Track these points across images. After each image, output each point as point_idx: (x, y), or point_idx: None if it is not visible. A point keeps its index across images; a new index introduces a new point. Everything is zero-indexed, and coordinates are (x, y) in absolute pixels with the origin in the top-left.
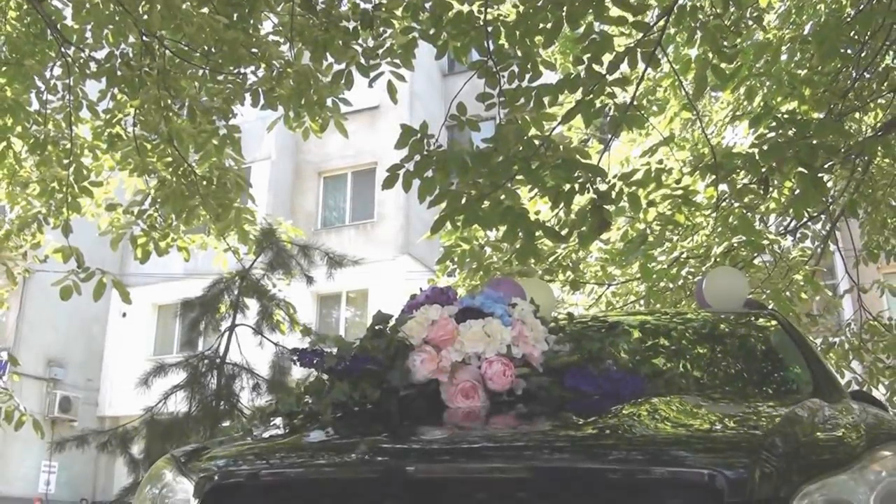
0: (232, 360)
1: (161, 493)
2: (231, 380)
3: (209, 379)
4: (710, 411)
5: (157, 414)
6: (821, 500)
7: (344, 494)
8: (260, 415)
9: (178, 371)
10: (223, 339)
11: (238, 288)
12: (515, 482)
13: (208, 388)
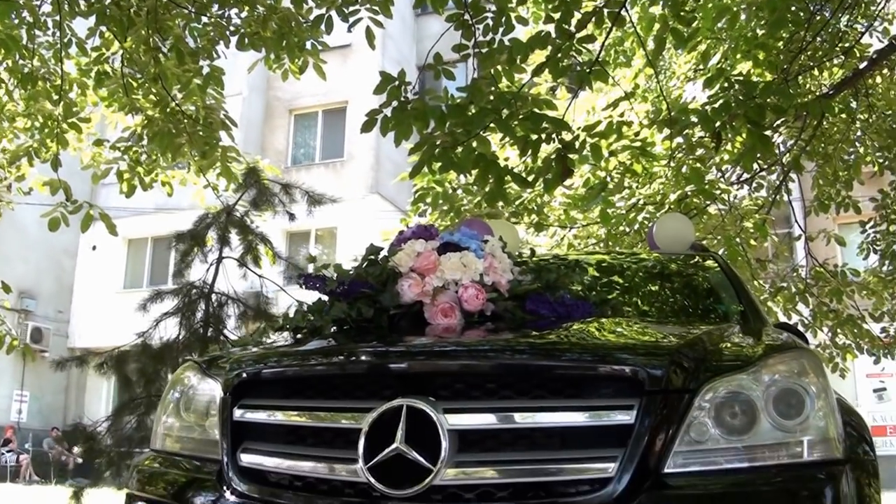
0: (220, 290)
1: (187, 394)
2: (220, 308)
3: (198, 307)
4: (643, 329)
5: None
6: (723, 392)
7: (346, 385)
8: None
9: (160, 301)
10: (211, 270)
11: (224, 223)
12: (483, 375)
13: (196, 315)
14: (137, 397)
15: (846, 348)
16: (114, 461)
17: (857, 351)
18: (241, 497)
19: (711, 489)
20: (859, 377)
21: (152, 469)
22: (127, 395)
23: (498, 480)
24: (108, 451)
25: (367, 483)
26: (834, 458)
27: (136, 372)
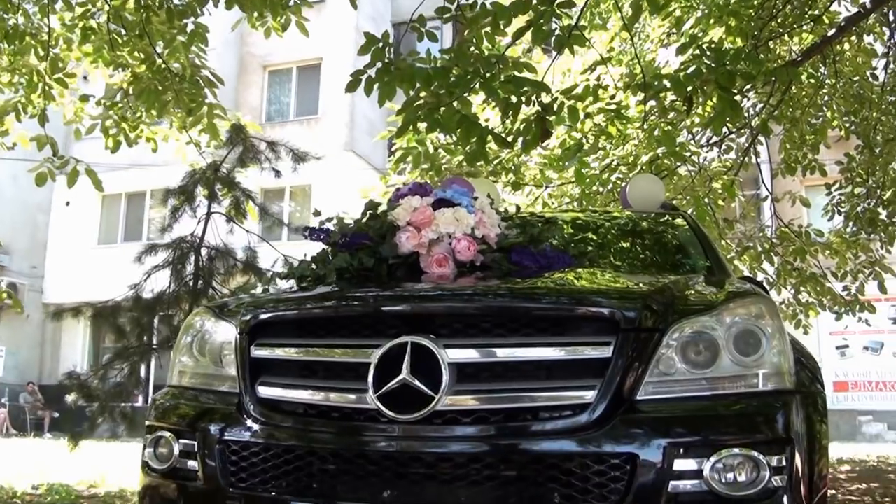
0: (209, 243)
1: (201, 336)
2: (210, 261)
3: (188, 260)
4: (618, 277)
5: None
6: (688, 332)
7: (355, 325)
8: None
9: (154, 254)
10: (201, 225)
11: (212, 179)
12: (478, 316)
13: (187, 268)
14: (131, 346)
15: (809, 305)
16: (107, 407)
17: (819, 308)
18: (260, 424)
19: (678, 413)
20: (823, 335)
21: (171, 402)
22: (120, 344)
23: (491, 406)
24: (102, 398)
25: (377, 409)
26: (786, 388)
27: (130, 322)
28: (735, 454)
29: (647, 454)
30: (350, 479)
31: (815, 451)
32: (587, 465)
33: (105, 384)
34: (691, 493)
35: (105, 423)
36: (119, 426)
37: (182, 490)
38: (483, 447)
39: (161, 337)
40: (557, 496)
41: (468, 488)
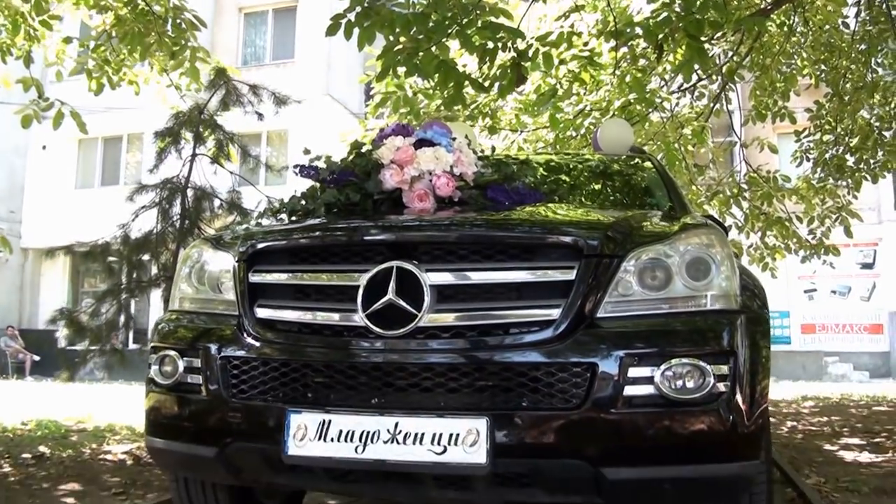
0: (195, 184)
1: (200, 267)
2: (196, 202)
3: (175, 200)
4: (583, 211)
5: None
6: (645, 258)
7: (345, 252)
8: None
9: (144, 192)
10: (187, 166)
11: (197, 121)
12: (456, 243)
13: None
14: (121, 284)
15: (775, 249)
16: (100, 341)
17: (785, 251)
18: (259, 340)
19: (633, 328)
20: (791, 280)
21: (174, 324)
22: (111, 281)
23: (467, 323)
24: (93, 334)
25: (365, 327)
26: (732, 308)
27: (120, 260)
28: (683, 363)
29: (605, 363)
30: (341, 388)
31: (757, 367)
32: (552, 374)
33: (96, 321)
34: (644, 396)
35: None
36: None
37: (186, 402)
38: (460, 358)
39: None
40: (526, 401)
41: (447, 394)
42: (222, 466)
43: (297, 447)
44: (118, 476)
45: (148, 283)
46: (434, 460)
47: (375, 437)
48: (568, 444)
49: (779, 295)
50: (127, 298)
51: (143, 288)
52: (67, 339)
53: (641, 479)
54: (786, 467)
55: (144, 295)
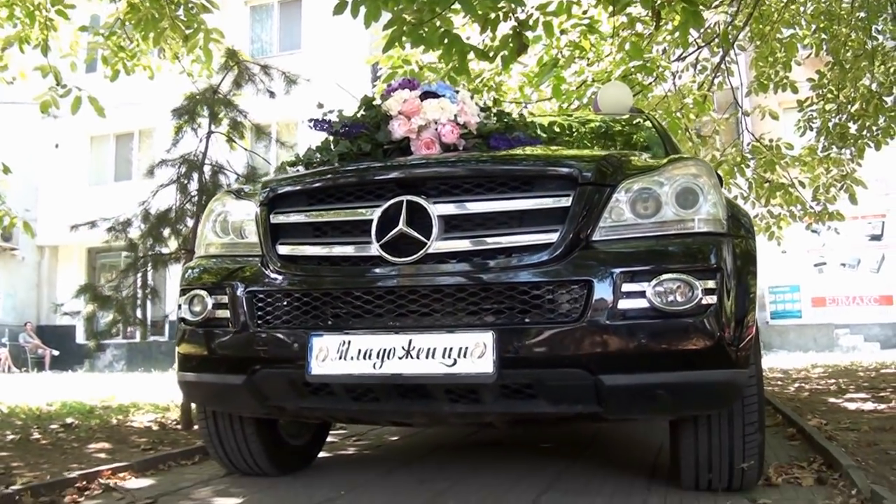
0: (212, 160)
1: (223, 217)
2: (213, 177)
3: (192, 177)
4: (578, 150)
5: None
6: (636, 187)
7: (358, 191)
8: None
9: (164, 166)
10: (203, 144)
11: (212, 99)
12: (461, 178)
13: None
14: (143, 256)
15: (780, 217)
16: (124, 310)
17: (790, 219)
18: (281, 274)
19: (625, 249)
20: (801, 254)
21: (201, 268)
22: (132, 256)
23: (473, 248)
24: (118, 305)
25: (379, 256)
26: (719, 231)
27: (145, 233)
28: (673, 278)
29: (600, 280)
30: (359, 312)
31: (743, 284)
32: (552, 291)
33: (119, 294)
34: (637, 309)
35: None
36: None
37: (215, 335)
38: (467, 280)
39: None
40: (528, 316)
41: (456, 313)
42: (250, 393)
43: (320, 367)
44: (145, 437)
45: (168, 257)
46: (445, 371)
47: (391, 353)
48: (568, 355)
49: (788, 269)
50: (147, 272)
51: (163, 262)
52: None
53: (637, 385)
54: (788, 412)
55: (165, 270)
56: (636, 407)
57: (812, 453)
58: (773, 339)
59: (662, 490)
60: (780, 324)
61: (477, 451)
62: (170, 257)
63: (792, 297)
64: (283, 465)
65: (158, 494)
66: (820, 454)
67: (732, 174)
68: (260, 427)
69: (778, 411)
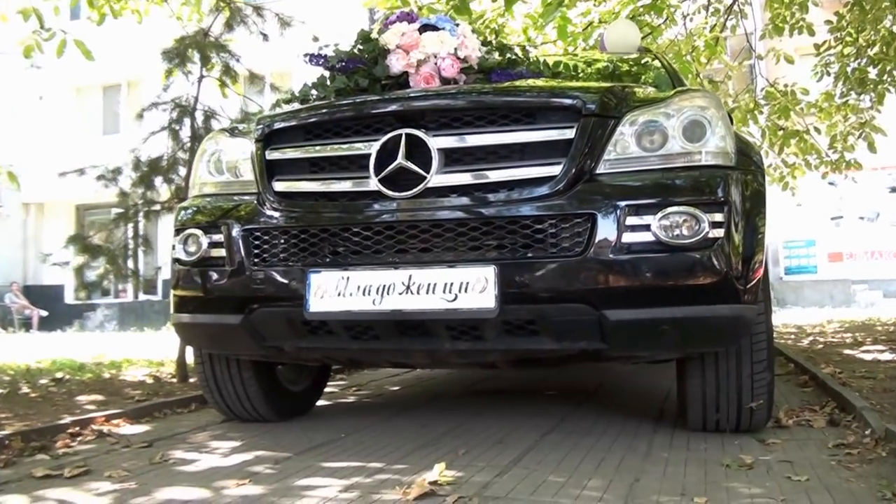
0: (205, 106)
1: (217, 157)
2: (206, 122)
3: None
4: (583, 82)
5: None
6: (641, 119)
7: (355, 126)
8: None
9: (155, 109)
10: (195, 88)
11: (203, 42)
12: (461, 110)
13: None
14: (135, 205)
15: (794, 166)
16: (115, 260)
17: (805, 168)
18: (278, 211)
19: (630, 182)
20: (816, 206)
21: (195, 207)
22: (124, 203)
23: (474, 181)
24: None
25: (378, 190)
26: (727, 165)
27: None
28: (679, 211)
29: (604, 213)
30: (358, 248)
31: (751, 218)
32: (555, 225)
33: (110, 244)
34: (642, 243)
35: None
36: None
37: (211, 275)
38: (468, 214)
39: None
40: (531, 250)
41: (457, 247)
42: (247, 333)
43: (318, 304)
44: (139, 390)
45: (161, 206)
46: (446, 307)
47: (391, 289)
48: (571, 289)
49: (804, 223)
50: (138, 222)
51: (155, 212)
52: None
53: (641, 320)
54: (801, 360)
55: (157, 221)
56: (641, 343)
57: (825, 398)
58: (787, 296)
59: (669, 431)
60: (795, 279)
61: (479, 399)
62: (162, 207)
63: (807, 252)
64: (281, 411)
65: (154, 439)
66: (833, 398)
67: (745, 121)
68: (258, 371)
69: (790, 361)
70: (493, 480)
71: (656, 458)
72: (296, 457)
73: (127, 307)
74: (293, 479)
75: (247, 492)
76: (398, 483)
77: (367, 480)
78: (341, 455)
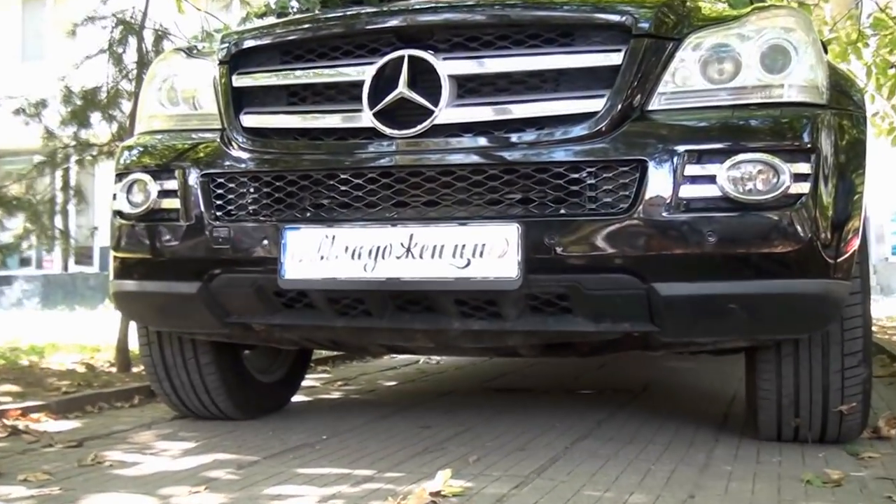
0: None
1: (170, 84)
2: (156, 43)
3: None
4: None
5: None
6: (708, 43)
7: (346, 44)
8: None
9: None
10: None
11: None
12: (480, 26)
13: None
14: (65, 147)
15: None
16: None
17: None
18: (248, 152)
19: (691, 121)
20: None
21: (143, 145)
22: (51, 144)
23: (494, 118)
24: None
25: (373, 127)
26: (817, 102)
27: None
28: (752, 159)
29: (657, 161)
30: (346, 199)
31: (846, 182)
32: (594, 174)
33: (33, 195)
34: (704, 198)
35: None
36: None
37: (161, 231)
38: (486, 159)
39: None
40: (563, 206)
41: (470, 200)
42: (206, 306)
43: (296, 269)
44: (68, 380)
45: (98, 151)
46: (456, 275)
47: (387, 251)
48: (614, 256)
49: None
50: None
51: (92, 158)
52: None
53: (702, 297)
54: None
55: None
56: (700, 326)
57: None
58: (893, 282)
59: (734, 440)
60: None
61: (496, 398)
62: (100, 152)
63: None
64: (248, 407)
65: (84, 438)
66: None
67: (845, 56)
68: (219, 355)
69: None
70: (510, 493)
71: (717, 471)
72: (264, 461)
73: (54, 280)
74: (260, 487)
75: (202, 501)
76: (391, 493)
77: (353, 490)
78: (321, 460)
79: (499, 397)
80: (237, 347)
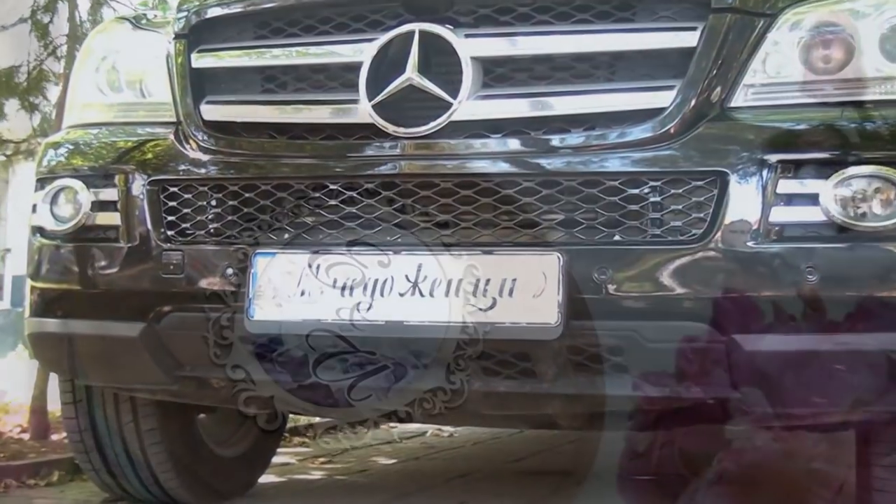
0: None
1: (111, 64)
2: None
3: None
4: None
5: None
6: (809, 21)
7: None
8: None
9: None
10: None
11: None
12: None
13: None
14: None
15: None
16: None
17: None
18: (209, 153)
19: (786, 122)
20: None
21: (73, 141)
22: None
23: (530, 114)
24: None
25: (372, 123)
26: None
27: None
28: (868, 173)
29: (741, 173)
30: (338, 218)
31: None
32: (660, 189)
33: None
34: (803, 224)
35: None
36: None
37: (95, 254)
38: (520, 168)
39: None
40: (619, 233)
41: (499, 222)
42: (150, 354)
43: (268, 308)
44: None
45: (15, 146)
46: (477, 320)
47: (387, 287)
48: (683, 298)
49: None
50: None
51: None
52: None
53: (797, 354)
54: None
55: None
56: (796, 393)
57: None
58: None
59: None
60: None
61: (526, 483)
62: (16, 150)
63: None
64: (202, 489)
65: None
66: None
67: None
68: (166, 420)
69: None
70: None
71: None
72: None
73: None
74: None
75: None
76: None
77: None
78: None
79: (530, 482)
80: (189, 410)
